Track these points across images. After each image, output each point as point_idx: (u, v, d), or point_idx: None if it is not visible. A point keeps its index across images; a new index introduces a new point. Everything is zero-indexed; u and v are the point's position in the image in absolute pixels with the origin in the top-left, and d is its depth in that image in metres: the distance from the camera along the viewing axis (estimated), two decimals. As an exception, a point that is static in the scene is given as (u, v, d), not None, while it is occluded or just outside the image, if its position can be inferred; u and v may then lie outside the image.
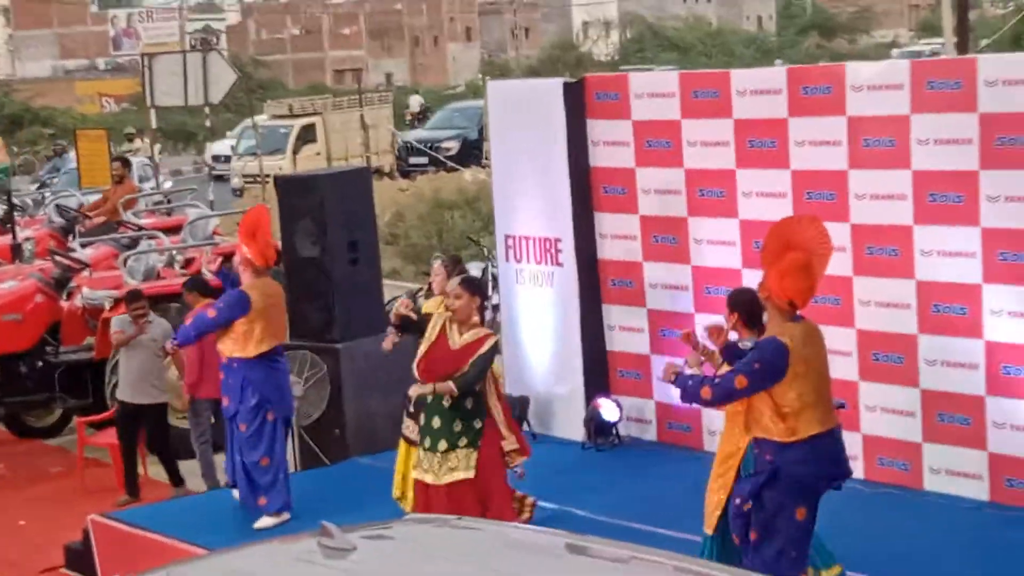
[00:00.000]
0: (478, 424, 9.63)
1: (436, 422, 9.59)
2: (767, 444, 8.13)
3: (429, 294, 15.60)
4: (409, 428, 10.42)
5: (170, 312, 14.03)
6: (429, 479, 9.57)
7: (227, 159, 39.63)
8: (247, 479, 11.03)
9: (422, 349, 9.65)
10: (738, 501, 8.29)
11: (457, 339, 9.60)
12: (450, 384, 9.45)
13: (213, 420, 12.81)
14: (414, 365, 9.67)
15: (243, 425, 10.96)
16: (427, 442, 9.65)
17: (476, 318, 9.68)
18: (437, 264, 11.40)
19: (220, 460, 12.42)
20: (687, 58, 63.60)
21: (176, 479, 13.33)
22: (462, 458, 9.56)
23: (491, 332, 9.82)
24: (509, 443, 9.90)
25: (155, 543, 10.57)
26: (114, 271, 15.74)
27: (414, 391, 9.67)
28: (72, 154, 35.40)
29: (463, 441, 9.58)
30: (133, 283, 15.15)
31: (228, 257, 14.13)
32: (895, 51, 66.87)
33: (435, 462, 9.57)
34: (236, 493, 11.29)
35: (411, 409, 10.35)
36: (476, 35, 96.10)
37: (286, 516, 10.88)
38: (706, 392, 8.06)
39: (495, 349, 9.71)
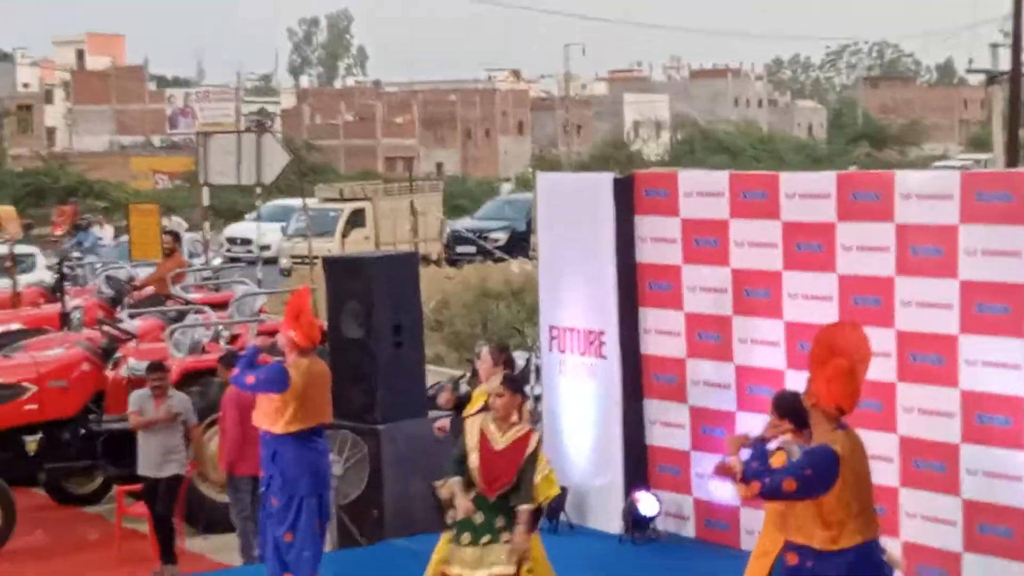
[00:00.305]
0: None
1: (478, 517, 9.54)
2: (807, 551, 8.03)
3: (472, 381, 15.70)
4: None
5: (212, 386, 14.12)
6: (467, 574, 9.52)
7: (244, 242, 39.04)
8: (276, 554, 11.06)
9: (471, 458, 9.60)
10: None
11: (500, 439, 9.58)
12: (526, 538, 9.48)
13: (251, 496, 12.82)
14: (473, 470, 9.59)
15: (274, 500, 11.01)
16: (465, 537, 9.59)
17: (516, 416, 9.67)
18: (484, 351, 11.45)
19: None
20: (737, 162, 63.77)
21: (168, 556, 13.11)
22: (504, 553, 9.51)
23: (532, 428, 9.80)
24: None
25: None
26: (160, 343, 15.85)
27: (464, 510, 9.63)
28: (97, 228, 35.83)
29: (506, 536, 9.53)
30: (178, 356, 15.28)
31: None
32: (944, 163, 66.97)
33: (476, 556, 9.51)
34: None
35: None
36: (528, 129, 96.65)
37: None
38: (755, 487, 8.01)
39: (541, 441, 9.69)
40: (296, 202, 38.01)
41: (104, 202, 50.55)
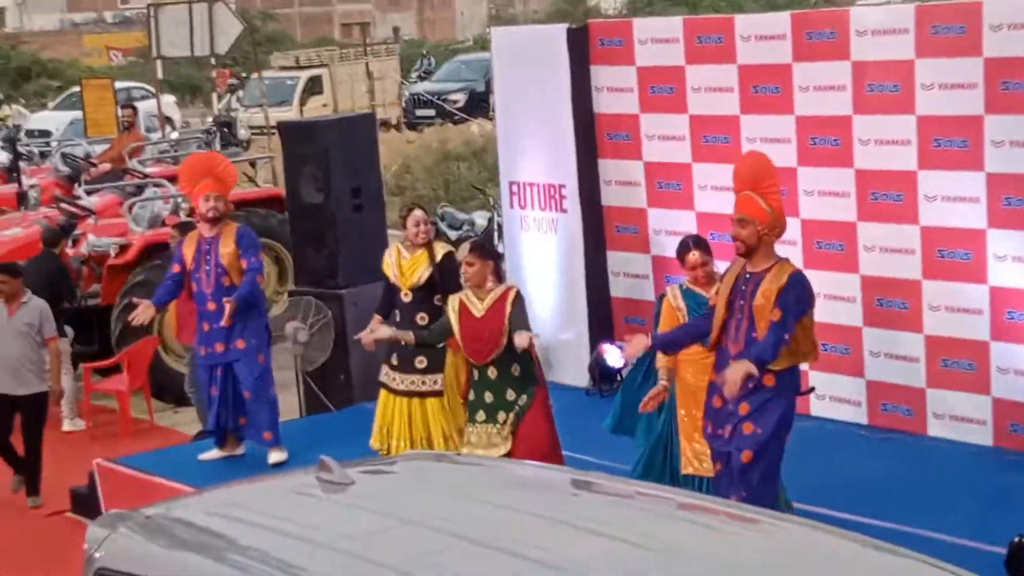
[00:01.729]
0: (531, 389, 9.38)
1: (488, 396, 9.37)
2: (786, 371, 8.22)
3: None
4: (389, 376, 10.49)
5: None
6: (480, 452, 9.36)
7: (42, 133, 32.40)
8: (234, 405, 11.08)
9: (456, 332, 9.41)
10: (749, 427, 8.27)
11: (480, 305, 9.37)
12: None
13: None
14: (461, 348, 9.46)
15: (261, 357, 10.98)
16: (480, 415, 9.40)
17: (491, 281, 9.42)
18: (419, 212, 10.73)
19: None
20: (696, 13, 63.28)
21: (33, 488, 12.06)
22: (507, 430, 9.37)
23: (509, 286, 9.60)
24: None
25: (160, 486, 10.61)
26: (119, 219, 15.76)
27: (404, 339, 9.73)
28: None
29: (518, 407, 9.34)
30: (138, 230, 15.18)
31: None
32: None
33: (487, 433, 9.38)
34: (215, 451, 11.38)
35: (393, 362, 10.47)
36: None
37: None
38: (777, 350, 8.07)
39: (520, 296, 9.43)
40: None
41: (58, 81, 49.93)
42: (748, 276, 8.22)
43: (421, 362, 10.41)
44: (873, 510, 9.08)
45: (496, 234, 17.88)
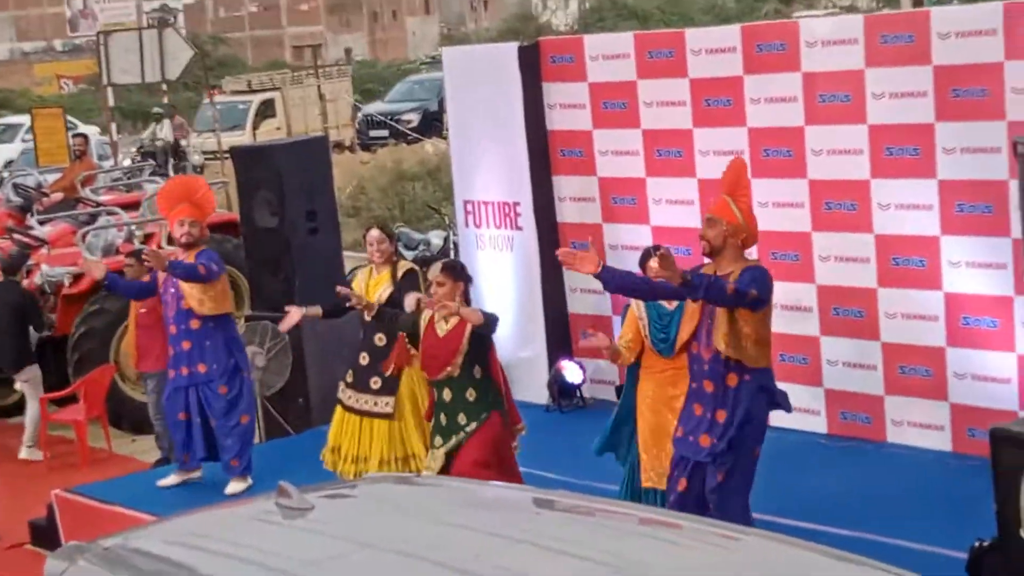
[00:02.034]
0: (484, 415, 9.17)
1: (443, 418, 9.23)
2: (741, 366, 8.20)
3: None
4: (345, 394, 10.46)
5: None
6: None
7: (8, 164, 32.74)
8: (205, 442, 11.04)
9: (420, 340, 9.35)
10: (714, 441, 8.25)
11: (444, 325, 9.26)
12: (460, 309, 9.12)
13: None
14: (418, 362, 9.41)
15: (223, 388, 10.91)
16: (437, 440, 9.28)
17: (459, 302, 9.18)
18: (376, 232, 10.58)
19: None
20: (647, 27, 63.47)
21: None
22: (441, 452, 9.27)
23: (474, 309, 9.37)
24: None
25: (119, 515, 10.53)
26: (73, 248, 15.66)
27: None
28: None
29: (469, 429, 9.18)
30: (92, 259, 15.08)
31: None
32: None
33: (441, 457, 9.23)
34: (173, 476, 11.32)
35: (348, 380, 10.44)
36: (435, 8, 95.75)
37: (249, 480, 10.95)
38: (731, 288, 8.01)
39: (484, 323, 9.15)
40: (18, 119, 36.16)
41: (8, 111, 49.69)
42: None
43: (376, 383, 10.36)
44: (835, 519, 9.09)
45: (452, 253, 17.87)
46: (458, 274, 9.37)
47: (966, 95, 9.97)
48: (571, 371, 12.27)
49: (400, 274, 10.42)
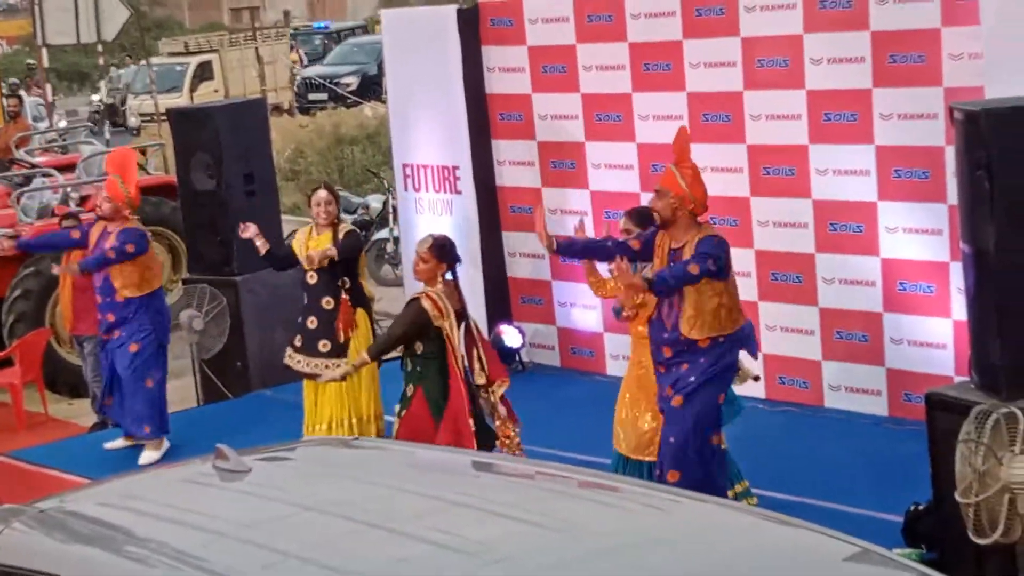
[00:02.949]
0: (410, 391, 9.20)
1: (409, 390, 9.23)
2: (717, 339, 8.30)
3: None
4: (293, 359, 10.40)
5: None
6: None
7: None
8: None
9: None
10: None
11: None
12: (362, 355, 9.34)
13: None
14: None
15: (134, 345, 10.90)
16: (396, 407, 9.31)
17: (437, 282, 9.21)
18: (323, 193, 10.51)
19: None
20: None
21: None
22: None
23: (425, 292, 9.25)
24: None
25: (55, 479, 10.48)
26: (8, 209, 15.51)
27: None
28: None
29: (397, 408, 9.27)
30: (27, 220, 14.97)
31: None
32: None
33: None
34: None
35: (297, 344, 10.37)
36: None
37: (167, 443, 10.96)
38: (694, 268, 8.10)
39: (415, 308, 9.12)
40: None
41: (-58, 71, 49.13)
42: (672, 252, 8.31)
43: (324, 345, 10.31)
44: (772, 483, 9.17)
45: (391, 217, 17.83)
46: (445, 255, 9.26)
47: (903, 61, 10.03)
48: (510, 335, 12.29)
49: (341, 235, 10.36)
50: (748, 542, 4.75)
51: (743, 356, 8.68)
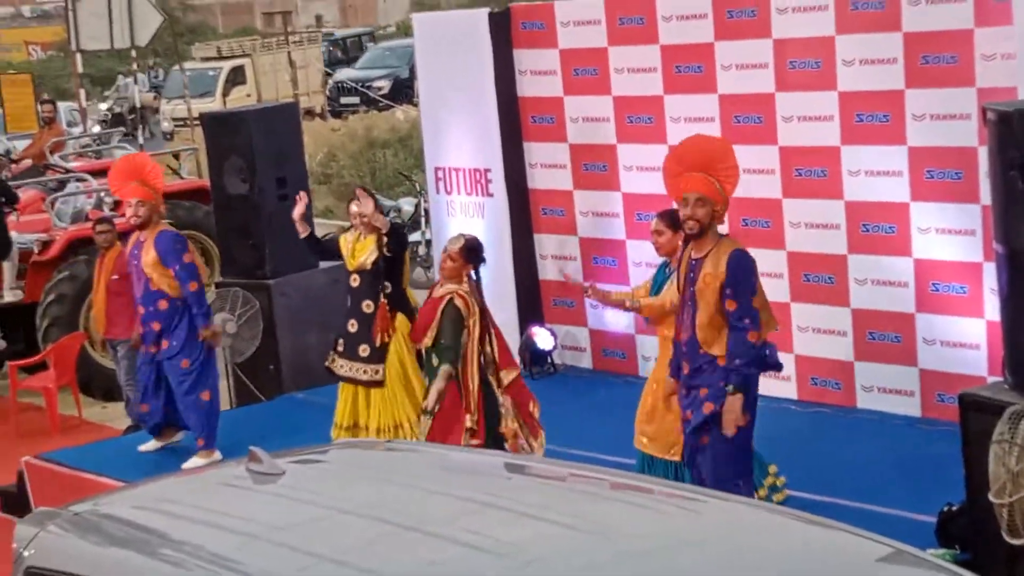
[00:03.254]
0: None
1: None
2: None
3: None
4: (336, 364, 10.41)
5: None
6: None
7: None
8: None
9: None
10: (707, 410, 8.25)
11: (438, 288, 9.48)
12: (447, 370, 9.27)
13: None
14: None
15: (185, 361, 10.91)
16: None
17: (461, 280, 9.39)
18: (363, 195, 10.37)
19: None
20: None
21: None
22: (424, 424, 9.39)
23: (456, 291, 9.38)
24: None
25: (90, 482, 10.53)
26: (42, 214, 15.60)
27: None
28: None
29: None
30: (62, 225, 15.06)
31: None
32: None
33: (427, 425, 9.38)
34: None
35: (339, 348, 10.37)
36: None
37: (218, 454, 10.94)
38: (753, 335, 8.07)
39: (454, 311, 9.27)
40: None
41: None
42: (693, 263, 8.21)
43: (364, 350, 10.32)
44: (805, 484, 9.15)
45: (423, 220, 17.87)
46: (471, 256, 9.42)
47: (936, 62, 9.99)
48: (542, 337, 12.30)
49: (385, 241, 10.30)
50: (780, 543, 4.75)
51: None
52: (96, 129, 27.89)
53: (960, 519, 8.10)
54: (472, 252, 9.43)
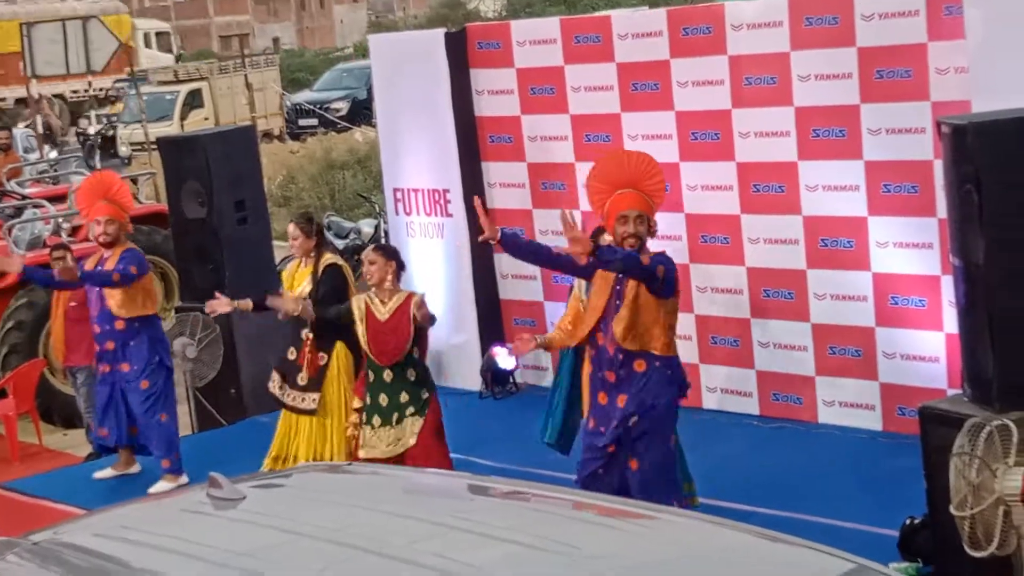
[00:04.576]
0: (425, 395, 9.41)
1: (383, 399, 9.37)
2: (650, 356, 8.15)
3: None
4: (281, 390, 10.38)
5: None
6: (378, 454, 9.32)
7: None
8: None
9: (359, 330, 9.39)
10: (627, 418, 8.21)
11: (383, 310, 9.36)
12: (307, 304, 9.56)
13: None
14: (365, 348, 9.42)
15: (145, 382, 10.87)
16: (376, 420, 9.39)
17: (391, 282, 9.38)
18: (291, 227, 10.57)
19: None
20: (575, 11, 63.43)
21: None
22: (408, 426, 9.37)
23: (412, 292, 9.54)
24: None
25: (50, 510, 10.45)
26: (-1, 241, 15.50)
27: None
28: None
29: (410, 410, 9.37)
30: (19, 252, 14.96)
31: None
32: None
33: (388, 436, 9.37)
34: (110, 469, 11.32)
35: (281, 371, 10.39)
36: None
37: (184, 478, 10.87)
38: (646, 259, 8.01)
39: (421, 304, 9.39)
40: None
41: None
42: (620, 278, 8.20)
43: (302, 378, 10.30)
44: (767, 500, 9.16)
45: (384, 240, 17.82)
46: (389, 253, 9.54)
47: (890, 76, 10.06)
48: (503, 357, 12.24)
49: (320, 269, 10.32)
50: (743, 560, 4.75)
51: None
52: (54, 155, 27.74)
53: (922, 532, 8.12)
54: (386, 248, 9.70)
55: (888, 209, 10.24)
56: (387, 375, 9.34)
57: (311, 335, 10.19)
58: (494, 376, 12.35)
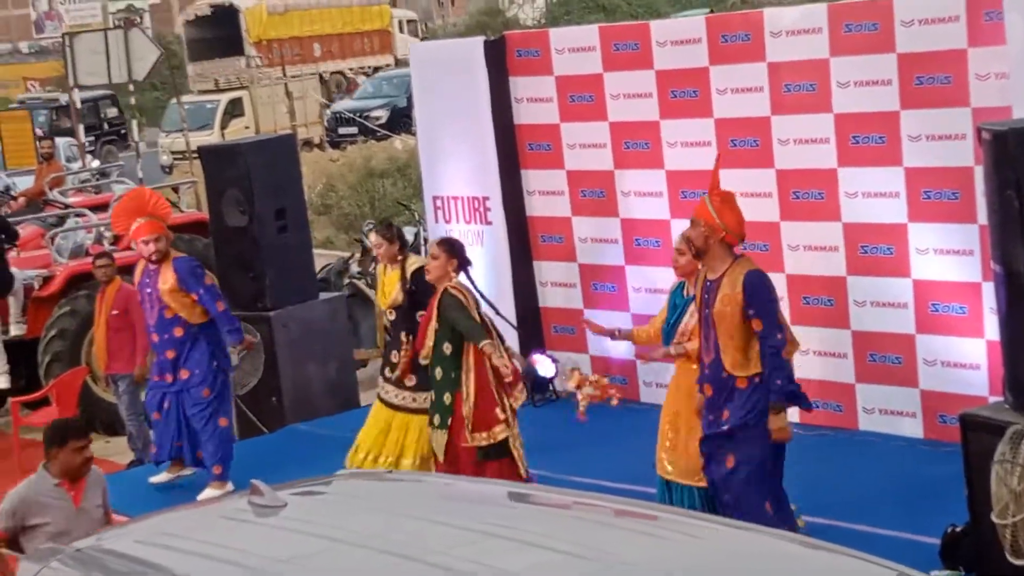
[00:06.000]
0: (447, 399, 9.42)
1: (434, 397, 9.48)
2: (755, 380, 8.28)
3: (363, 262, 15.59)
4: (384, 390, 10.43)
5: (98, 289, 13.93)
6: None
7: None
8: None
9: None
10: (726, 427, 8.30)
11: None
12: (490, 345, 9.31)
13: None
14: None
15: (207, 391, 10.93)
16: (436, 419, 9.51)
17: (450, 279, 9.44)
18: (373, 236, 10.94)
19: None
20: (614, 19, 63.24)
21: None
22: (438, 439, 9.47)
23: (446, 286, 9.45)
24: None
25: (93, 518, 10.48)
26: (42, 250, 15.60)
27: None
28: None
29: (437, 419, 9.46)
30: (61, 261, 15.07)
31: None
32: None
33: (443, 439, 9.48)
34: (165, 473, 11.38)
35: (387, 374, 10.44)
36: (402, 4, 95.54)
37: (230, 486, 10.93)
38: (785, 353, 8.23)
39: (451, 296, 9.34)
40: None
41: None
42: (708, 284, 8.30)
43: (410, 380, 10.34)
44: (808, 508, 9.12)
45: (423, 249, 17.86)
46: (451, 249, 9.51)
47: (930, 82, 10.02)
48: (543, 365, 12.24)
49: (409, 274, 10.41)
50: (783, 570, 4.74)
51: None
52: (96, 163, 27.93)
53: (964, 540, 8.09)
54: (449, 244, 9.61)
55: (928, 216, 10.21)
56: (437, 373, 9.46)
57: (409, 336, 10.23)
58: (534, 383, 12.33)
